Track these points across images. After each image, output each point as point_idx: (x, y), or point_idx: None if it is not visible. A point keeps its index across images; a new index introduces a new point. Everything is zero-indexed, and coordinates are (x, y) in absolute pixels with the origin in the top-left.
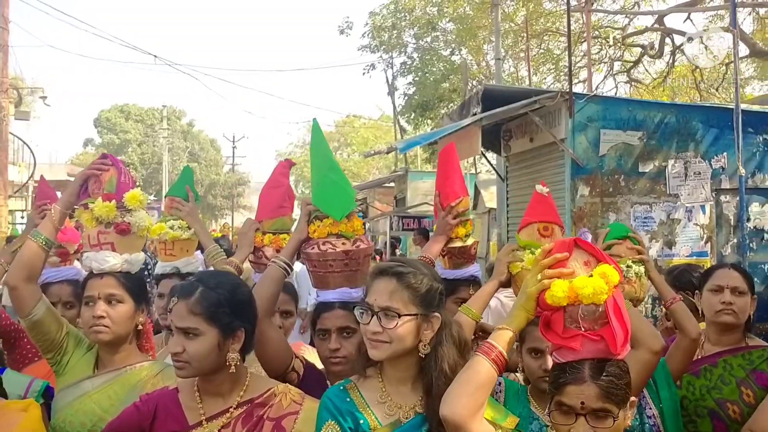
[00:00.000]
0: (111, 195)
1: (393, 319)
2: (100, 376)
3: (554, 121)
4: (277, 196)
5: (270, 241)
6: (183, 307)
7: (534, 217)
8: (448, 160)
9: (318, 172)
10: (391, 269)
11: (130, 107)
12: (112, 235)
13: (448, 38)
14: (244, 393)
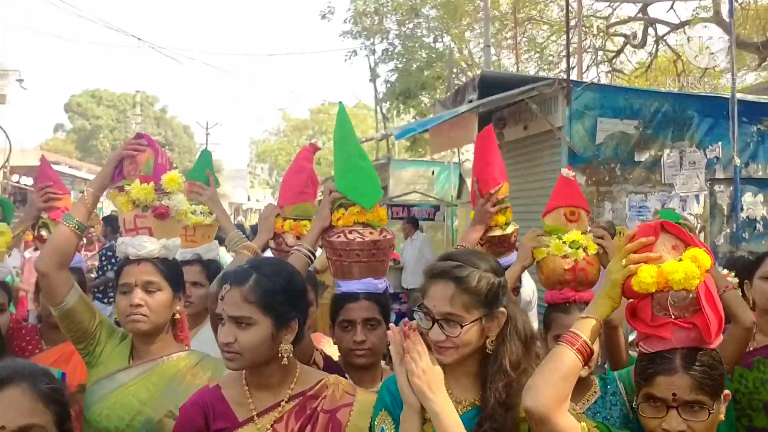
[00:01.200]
0: (148, 177)
1: (456, 327)
2: (136, 367)
3: (551, 109)
4: (299, 181)
5: (291, 227)
6: (237, 295)
7: (560, 201)
8: (487, 145)
9: (344, 159)
10: (447, 272)
11: (102, 92)
12: (150, 219)
13: (431, 25)
14: (295, 385)
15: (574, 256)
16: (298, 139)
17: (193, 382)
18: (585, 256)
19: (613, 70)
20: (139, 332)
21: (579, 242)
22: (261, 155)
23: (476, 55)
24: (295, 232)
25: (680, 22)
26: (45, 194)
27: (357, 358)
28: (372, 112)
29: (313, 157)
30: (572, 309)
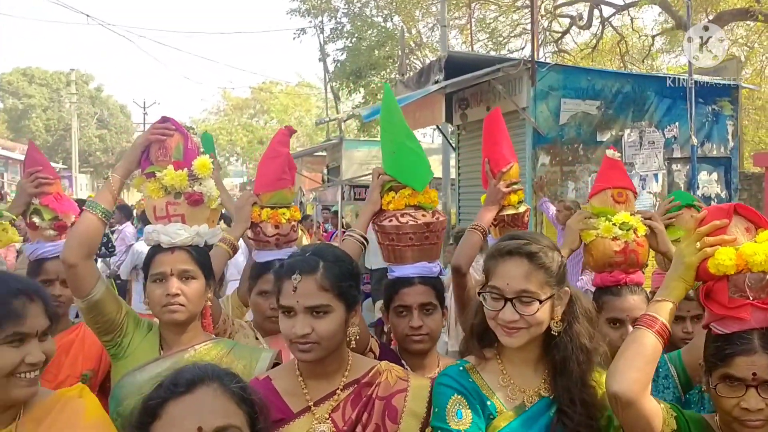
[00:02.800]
0: (179, 162)
1: (530, 304)
2: (167, 358)
3: (515, 90)
4: (275, 166)
5: (268, 216)
6: (312, 284)
7: (607, 182)
8: (495, 125)
9: (393, 140)
10: (519, 249)
11: (34, 70)
12: (183, 206)
13: (379, 3)
14: (349, 373)
15: (625, 238)
16: (239, 118)
17: None
18: (635, 238)
19: (558, 51)
20: (175, 322)
21: (629, 223)
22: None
23: (425, 35)
24: (273, 221)
25: (625, 3)
26: (35, 179)
27: (414, 343)
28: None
29: (289, 140)
30: (623, 291)
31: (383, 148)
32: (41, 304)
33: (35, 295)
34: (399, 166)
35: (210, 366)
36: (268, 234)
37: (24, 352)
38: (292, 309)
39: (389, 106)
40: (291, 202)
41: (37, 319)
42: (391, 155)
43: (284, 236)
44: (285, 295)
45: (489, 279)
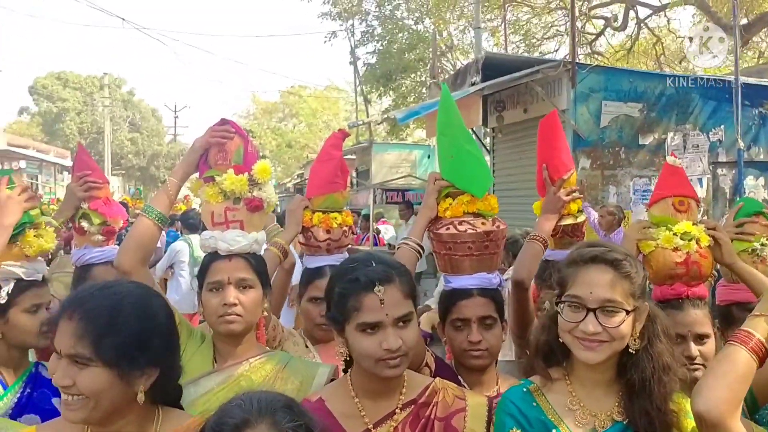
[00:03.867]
0: (239, 167)
1: (615, 315)
2: (221, 371)
3: (554, 91)
4: (328, 170)
5: (320, 220)
6: (397, 293)
7: (668, 190)
8: (553, 130)
9: (451, 144)
10: (603, 257)
11: (68, 74)
12: (242, 211)
13: (411, 6)
14: (406, 392)
15: (686, 249)
16: (268, 122)
17: (285, 387)
18: (698, 249)
19: (592, 53)
20: (232, 333)
21: (691, 233)
22: None
23: (455, 37)
24: (324, 226)
25: (661, 5)
26: (85, 183)
27: (472, 359)
28: (344, 94)
29: (342, 144)
30: (685, 305)
31: (440, 153)
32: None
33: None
34: (457, 171)
35: (263, 399)
36: (319, 239)
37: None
38: (380, 324)
39: (447, 109)
40: (343, 206)
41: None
42: (448, 160)
43: (335, 241)
44: (370, 310)
45: (567, 288)
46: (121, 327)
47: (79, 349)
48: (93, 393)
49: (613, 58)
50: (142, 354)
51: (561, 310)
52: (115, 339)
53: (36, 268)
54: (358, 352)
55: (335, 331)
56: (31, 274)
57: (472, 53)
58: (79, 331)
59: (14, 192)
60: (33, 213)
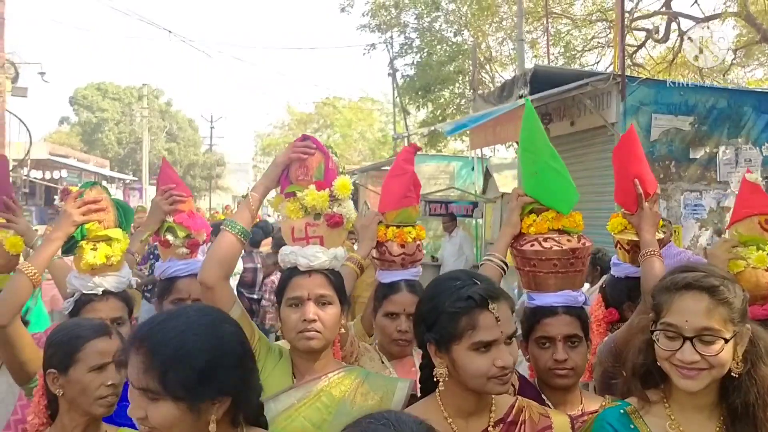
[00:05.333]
0: (320, 183)
1: (713, 344)
2: (301, 387)
3: (603, 104)
4: (401, 184)
5: (394, 234)
6: (507, 311)
7: (752, 208)
8: (635, 144)
9: (535, 160)
10: (699, 283)
11: (107, 85)
12: (323, 227)
13: (450, 18)
14: (495, 409)
15: None
16: (302, 133)
17: (365, 403)
18: None
19: (633, 65)
20: (311, 349)
21: None
22: (265, 149)
23: (494, 49)
24: (399, 240)
25: (705, 16)
26: (170, 197)
27: (558, 378)
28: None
29: (414, 158)
30: None
31: (523, 169)
32: None
33: None
34: (542, 187)
35: (406, 423)
36: (393, 253)
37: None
38: (494, 342)
39: (530, 125)
40: (416, 220)
41: None
42: (533, 176)
43: (410, 255)
44: (486, 328)
45: (662, 315)
46: (186, 360)
47: (147, 382)
48: (164, 426)
49: (654, 70)
50: (210, 385)
51: (657, 338)
52: (181, 373)
53: (94, 282)
54: (467, 371)
55: (434, 352)
56: (91, 288)
57: (510, 65)
58: (145, 365)
59: (73, 205)
60: (90, 226)
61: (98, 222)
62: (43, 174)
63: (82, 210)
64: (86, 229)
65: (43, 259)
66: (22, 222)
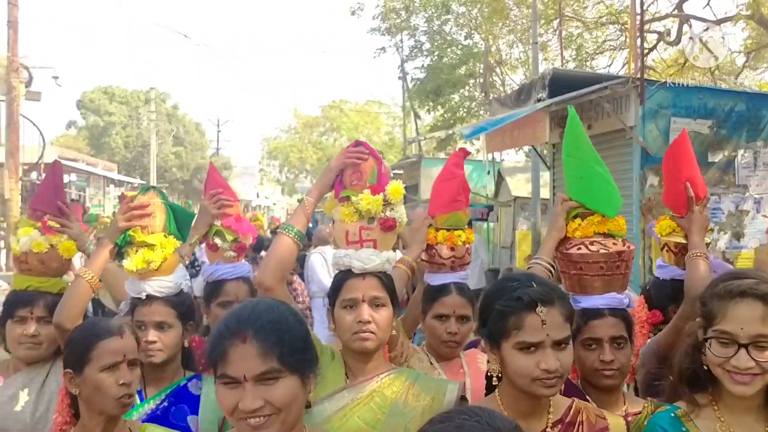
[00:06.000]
0: (374, 187)
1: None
2: (354, 387)
3: (621, 108)
4: (451, 188)
5: (444, 238)
6: (557, 315)
7: None
8: (688, 148)
9: (580, 166)
10: (753, 291)
11: (114, 89)
12: (376, 231)
13: (460, 21)
14: (553, 410)
15: None
16: (309, 136)
17: (417, 404)
18: None
19: (645, 68)
20: (365, 350)
21: None
22: (272, 152)
23: (504, 52)
24: (449, 243)
25: (717, 19)
26: (218, 201)
27: (604, 379)
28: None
29: (463, 162)
30: None
31: (568, 174)
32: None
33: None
34: (588, 192)
35: (498, 420)
36: (443, 256)
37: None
38: (539, 344)
39: (575, 130)
40: (465, 224)
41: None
42: (578, 181)
43: (459, 259)
44: (531, 330)
45: (715, 322)
46: (293, 334)
47: (267, 365)
48: (286, 404)
49: (666, 73)
50: (312, 356)
51: (709, 344)
52: (292, 346)
53: (140, 287)
54: (513, 369)
55: (488, 348)
56: (137, 292)
57: (520, 68)
58: (260, 349)
59: (121, 210)
60: (134, 232)
61: (142, 228)
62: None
63: (126, 216)
64: (129, 234)
65: (97, 263)
66: (74, 227)
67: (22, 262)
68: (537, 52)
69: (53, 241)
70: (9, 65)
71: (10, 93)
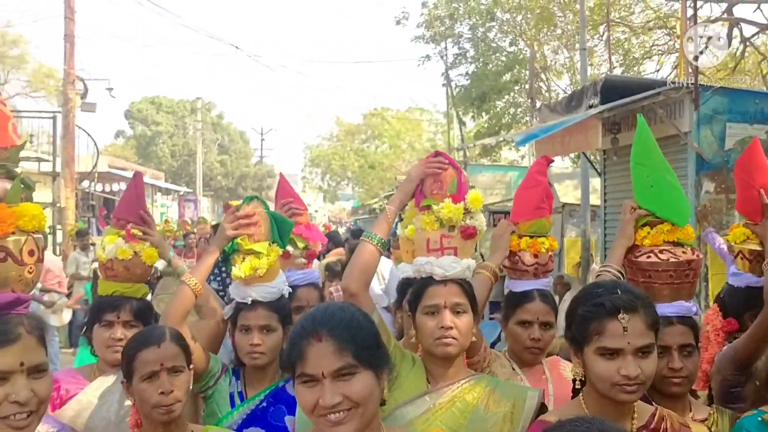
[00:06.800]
0: (455, 196)
1: None
2: (435, 392)
3: (675, 114)
4: (534, 195)
5: (527, 245)
6: (640, 323)
7: None
8: (761, 154)
9: (647, 173)
10: None
11: (161, 99)
12: (457, 239)
13: (505, 28)
14: (637, 417)
15: None
16: (351, 144)
17: (498, 410)
18: None
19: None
20: (448, 356)
21: None
22: (314, 160)
23: (549, 57)
24: (532, 250)
25: None
26: (288, 209)
27: (672, 386)
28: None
29: (546, 170)
30: None
31: (637, 182)
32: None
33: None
34: (658, 200)
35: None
36: (526, 263)
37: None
38: (620, 350)
39: (644, 139)
40: (549, 231)
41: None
42: (648, 189)
43: (543, 265)
44: (612, 336)
45: None
46: (365, 332)
47: (344, 360)
48: (363, 398)
49: (714, 77)
50: (383, 352)
51: None
52: (364, 342)
53: (245, 292)
54: (594, 374)
55: (572, 351)
56: (242, 297)
57: (565, 73)
58: (336, 346)
59: (228, 219)
60: (241, 240)
61: (249, 236)
62: (102, 186)
63: (233, 225)
64: (236, 242)
65: (202, 270)
66: (156, 234)
67: (108, 269)
68: (585, 57)
69: (137, 248)
70: (66, 77)
71: (67, 104)
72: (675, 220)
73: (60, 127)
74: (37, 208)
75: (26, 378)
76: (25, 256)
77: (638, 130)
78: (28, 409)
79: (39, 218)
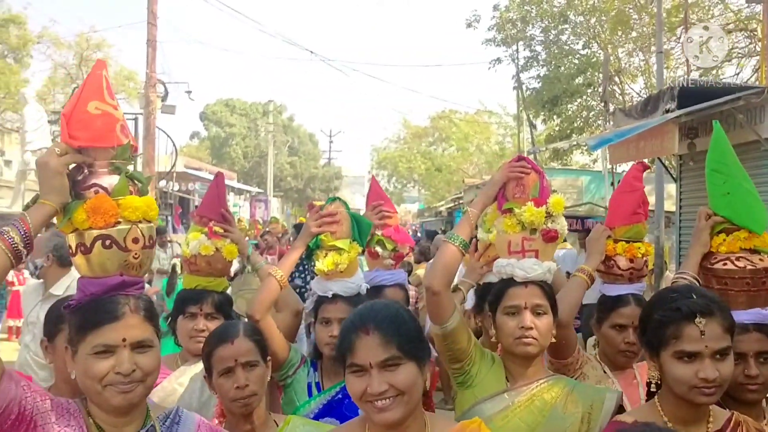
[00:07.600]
0: (537, 200)
1: None
2: (515, 390)
3: (756, 119)
4: (630, 201)
5: (623, 249)
6: (717, 327)
7: None
8: None
9: (727, 181)
10: None
11: (235, 101)
12: (538, 242)
13: (578, 30)
14: (713, 421)
15: None
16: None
17: (575, 410)
18: None
19: None
20: (527, 355)
21: None
22: (381, 162)
23: (623, 61)
24: (628, 255)
25: None
26: (379, 212)
27: (747, 393)
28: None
29: (642, 176)
30: None
31: (712, 189)
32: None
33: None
34: (735, 207)
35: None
36: (621, 267)
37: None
38: (698, 354)
39: (721, 146)
40: (644, 236)
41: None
42: (724, 196)
43: (638, 270)
44: (690, 340)
45: None
46: (408, 326)
47: (389, 352)
48: (408, 387)
49: None
50: (425, 345)
51: None
52: (409, 335)
53: (326, 286)
54: (672, 377)
55: (647, 355)
56: (323, 291)
57: (640, 77)
58: (382, 338)
59: (312, 217)
60: (324, 236)
61: (331, 233)
62: (179, 186)
63: (317, 222)
64: (320, 239)
65: (287, 265)
66: (236, 232)
67: (192, 264)
68: (662, 61)
69: (218, 244)
70: (147, 81)
71: (148, 107)
72: (752, 228)
73: (141, 129)
74: (141, 200)
75: (130, 352)
76: (129, 243)
77: (714, 136)
78: (132, 379)
79: (143, 209)
